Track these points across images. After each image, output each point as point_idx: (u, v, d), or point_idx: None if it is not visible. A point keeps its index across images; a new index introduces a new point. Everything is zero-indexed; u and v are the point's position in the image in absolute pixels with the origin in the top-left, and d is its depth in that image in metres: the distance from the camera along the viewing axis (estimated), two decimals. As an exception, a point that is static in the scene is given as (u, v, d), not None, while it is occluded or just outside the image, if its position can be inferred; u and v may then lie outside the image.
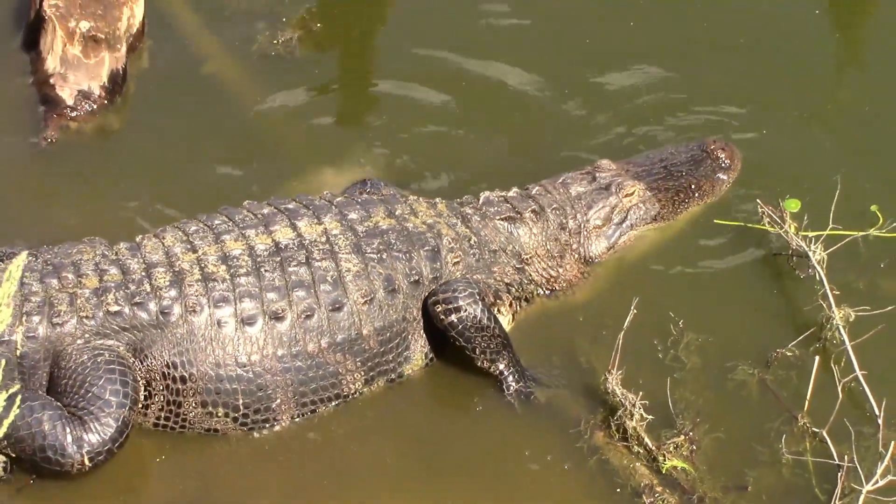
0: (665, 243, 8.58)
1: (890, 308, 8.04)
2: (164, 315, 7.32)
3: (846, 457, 7.30)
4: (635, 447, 7.44)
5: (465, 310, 7.63)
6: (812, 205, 8.52)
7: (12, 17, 9.95)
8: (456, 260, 7.86)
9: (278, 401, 7.45)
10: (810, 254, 8.18)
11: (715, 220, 8.69)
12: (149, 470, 7.38)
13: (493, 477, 7.45)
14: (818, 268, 8.12)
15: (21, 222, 8.57)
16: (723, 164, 8.77)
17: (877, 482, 7.18)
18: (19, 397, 6.99)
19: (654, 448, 7.41)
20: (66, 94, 9.38)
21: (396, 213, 7.89)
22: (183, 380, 7.32)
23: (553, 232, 8.26)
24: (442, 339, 7.77)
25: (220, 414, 7.38)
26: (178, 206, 8.04)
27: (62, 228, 8.29)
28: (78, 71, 9.43)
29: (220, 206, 7.86)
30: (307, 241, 7.58)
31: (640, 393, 7.47)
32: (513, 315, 8.10)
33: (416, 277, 7.72)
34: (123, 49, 9.58)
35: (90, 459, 7.06)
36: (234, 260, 7.47)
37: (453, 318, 7.63)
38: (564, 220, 8.31)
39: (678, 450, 7.42)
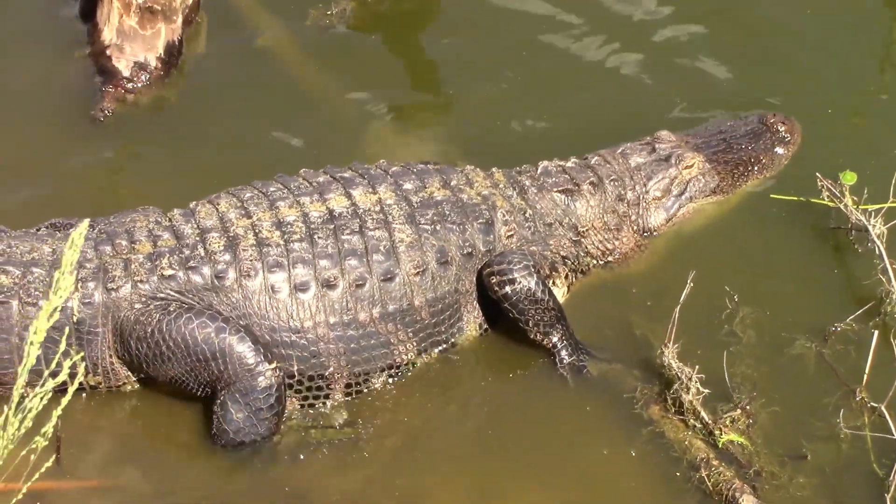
0: (722, 216, 8.52)
1: (951, 282, 7.95)
2: (218, 279, 7.33)
3: (906, 432, 7.24)
4: (691, 421, 7.39)
5: (520, 282, 7.59)
6: (871, 179, 8.42)
7: (69, -12, 10.03)
8: (510, 233, 7.82)
9: (331, 369, 7.45)
10: (870, 228, 8.09)
11: (771, 196, 8.62)
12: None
13: (546, 450, 7.43)
14: (878, 242, 8.03)
15: (78, 194, 8.62)
16: (783, 138, 8.70)
17: (937, 457, 7.14)
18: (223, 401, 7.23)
19: (710, 422, 7.35)
20: (123, 65, 9.44)
21: (451, 183, 7.86)
22: None
23: (611, 204, 8.21)
24: (496, 311, 7.74)
25: None
26: (234, 177, 7.98)
27: (118, 200, 8.32)
28: (134, 42, 9.47)
29: (274, 176, 7.85)
30: (361, 210, 7.57)
31: (697, 366, 7.40)
32: (568, 287, 8.07)
33: (470, 250, 7.68)
34: (179, 21, 9.61)
35: (269, 362, 7.21)
36: (288, 226, 7.46)
37: (507, 289, 7.59)
38: (623, 192, 8.26)
39: (735, 424, 7.36)
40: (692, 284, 7.56)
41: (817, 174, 8.39)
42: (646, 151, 8.45)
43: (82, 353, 7.06)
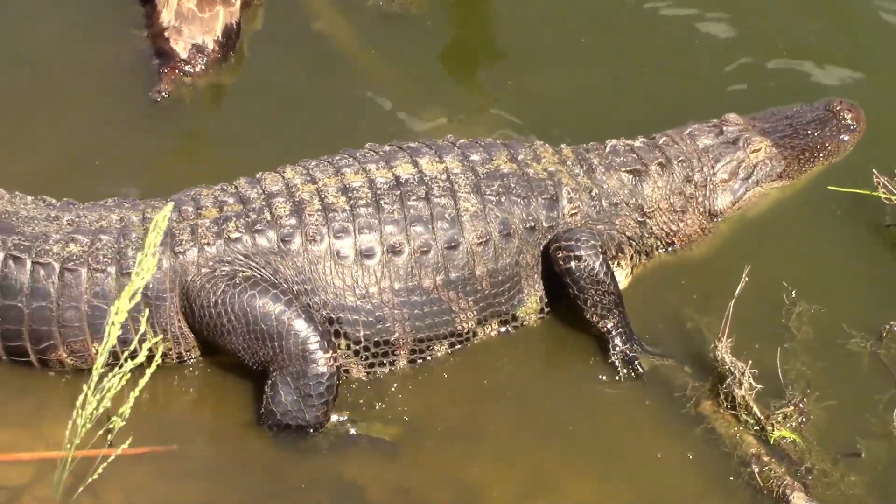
0: (783, 206, 8.50)
1: None
2: (284, 243, 7.34)
3: (961, 432, 7.20)
4: (743, 416, 7.34)
5: (585, 260, 7.59)
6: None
7: (128, -29, 10.08)
8: (573, 211, 7.82)
9: (396, 335, 7.46)
10: (926, 226, 8.10)
11: (829, 187, 8.59)
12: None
13: (597, 442, 7.40)
14: (934, 241, 8.04)
15: (134, 175, 8.64)
16: (848, 125, 8.68)
17: None
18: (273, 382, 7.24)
19: (762, 417, 7.30)
20: (181, 47, 9.47)
21: (518, 157, 7.88)
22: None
23: (678, 185, 8.19)
24: (557, 288, 7.73)
25: (342, 346, 7.40)
26: (291, 161, 8.00)
27: (174, 182, 8.27)
28: (192, 24, 9.51)
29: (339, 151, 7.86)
30: (427, 178, 7.59)
31: (750, 361, 7.34)
32: (632, 269, 8.07)
33: (533, 224, 7.70)
34: (238, 4, 9.67)
35: (330, 349, 7.21)
36: (354, 192, 7.48)
37: (572, 265, 7.60)
38: (691, 173, 8.23)
39: (787, 420, 7.31)
40: (747, 279, 7.51)
41: (873, 170, 8.38)
42: (713, 133, 8.43)
43: (161, 337, 7.15)
